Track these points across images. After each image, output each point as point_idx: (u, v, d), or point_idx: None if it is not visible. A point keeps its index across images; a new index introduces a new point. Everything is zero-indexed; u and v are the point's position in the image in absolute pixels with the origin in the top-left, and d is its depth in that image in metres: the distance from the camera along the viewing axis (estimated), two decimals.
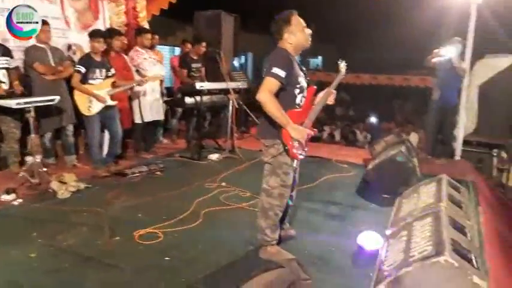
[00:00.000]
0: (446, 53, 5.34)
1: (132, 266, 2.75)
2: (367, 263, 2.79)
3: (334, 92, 2.91)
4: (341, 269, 2.79)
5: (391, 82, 12.79)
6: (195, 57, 6.07)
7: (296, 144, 2.64)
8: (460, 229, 2.48)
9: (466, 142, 6.01)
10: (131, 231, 3.21)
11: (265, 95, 2.51)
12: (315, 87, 2.85)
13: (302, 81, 2.73)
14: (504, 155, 6.36)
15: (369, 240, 2.96)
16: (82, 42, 5.73)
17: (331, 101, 2.90)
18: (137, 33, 5.77)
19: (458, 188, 3.21)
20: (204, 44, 6.04)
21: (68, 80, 4.76)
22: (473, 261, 2.15)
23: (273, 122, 2.61)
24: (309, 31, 2.71)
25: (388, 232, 2.92)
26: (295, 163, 2.77)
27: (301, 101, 2.74)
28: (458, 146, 5.84)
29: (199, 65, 6.09)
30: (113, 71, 4.73)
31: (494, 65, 6.20)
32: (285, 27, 2.66)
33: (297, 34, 2.67)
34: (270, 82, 2.52)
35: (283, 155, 2.66)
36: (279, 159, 2.68)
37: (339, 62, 3.03)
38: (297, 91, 2.69)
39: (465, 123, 5.97)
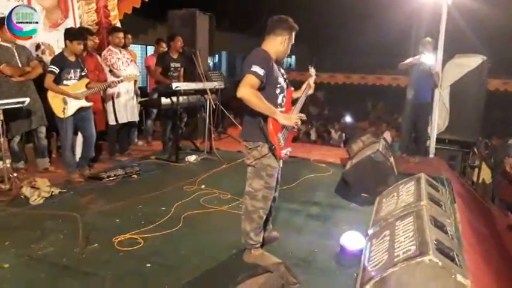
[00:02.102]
0: (426, 60, 5.49)
1: (112, 274, 2.66)
2: (351, 263, 2.82)
3: (312, 85, 3.00)
4: (325, 270, 2.79)
5: (364, 81, 13.03)
6: (174, 56, 5.92)
7: (282, 143, 2.63)
8: (442, 227, 2.53)
9: (438, 140, 6.18)
10: (110, 238, 3.11)
11: (246, 90, 2.47)
12: (292, 88, 2.88)
13: (282, 81, 2.74)
14: (475, 152, 6.58)
15: (352, 240, 2.99)
16: (51, 41, 5.52)
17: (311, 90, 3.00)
18: (109, 32, 5.62)
19: (436, 186, 3.29)
20: (179, 38, 5.90)
21: (36, 80, 4.56)
22: (456, 259, 2.20)
23: (254, 125, 2.59)
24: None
25: (370, 232, 2.95)
26: (281, 163, 2.75)
27: (282, 101, 2.74)
28: (432, 144, 6.00)
29: (178, 64, 5.95)
30: (85, 70, 4.56)
31: (464, 64, 6.37)
32: (286, 33, 2.68)
33: (285, 45, 2.71)
34: (249, 78, 2.49)
35: (267, 157, 2.64)
36: (263, 161, 2.66)
37: (309, 67, 3.10)
38: (277, 91, 2.69)
39: (437, 121, 6.13)
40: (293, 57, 21.90)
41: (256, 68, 2.49)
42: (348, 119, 11.41)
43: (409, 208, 2.82)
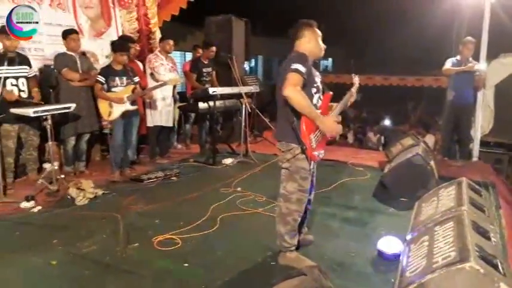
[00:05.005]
0: (480, 68, 5.36)
1: (151, 272, 2.76)
2: (388, 269, 2.77)
3: (355, 94, 3.05)
4: (362, 275, 2.75)
5: (404, 83, 12.66)
6: (205, 62, 6.09)
7: (314, 144, 2.63)
8: (484, 234, 2.44)
9: (482, 143, 5.93)
10: (149, 238, 3.22)
11: (291, 89, 2.48)
12: (331, 93, 2.87)
13: (318, 81, 2.76)
14: None
15: (389, 245, 2.94)
16: (95, 49, 5.80)
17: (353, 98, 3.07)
18: (160, 39, 5.89)
19: (479, 191, 3.16)
20: (213, 48, 6.08)
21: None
22: (499, 267, 2.11)
23: (288, 126, 2.61)
24: (323, 45, 2.81)
25: (408, 237, 2.89)
26: (311, 165, 2.73)
27: (317, 102, 2.74)
28: (475, 147, 5.77)
29: (209, 69, 6.12)
30: (136, 79, 4.82)
31: (509, 63, 6.09)
32: (306, 32, 2.73)
33: (313, 42, 2.74)
34: (293, 77, 2.51)
35: (301, 160, 2.65)
36: (297, 164, 2.67)
37: (353, 76, 3.14)
38: (313, 90, 2.71)
39: (481, 123, 5.89)
40: (330, 59, 21.68)
41: (297, 66, 2.51)
42: (387, 121, 11.17)
43: (449, 213, 2.73)
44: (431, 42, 11.06)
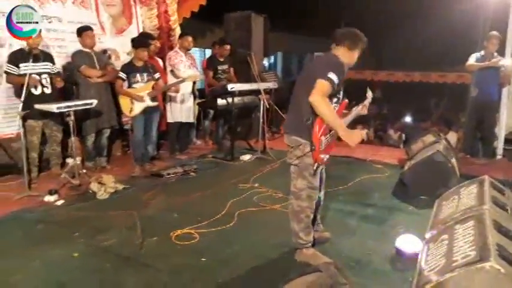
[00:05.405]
0: (505, 63, 5.22)
1: (169, 266, 2.80)
2: (406, 267, 2.74)
3: (366, 107, 3.04)
4: (380, 273, 2.73)
5: (426, 79, 12.41)
6: (220, 59, 6.14)
7: (323, 147, 2.62)
8: (506, 233, 2.38)
9: (507, 141, 5.77)
10: (168, 232, 3.27)
11: (318, 98, 2.48)
12: (347, 100, 2.87)
13: (341, 92, 2.75)
14: None
15: (408, 243, 2.91)
16: (116, 46, 5.90)
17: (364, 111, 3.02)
18: (179, 35, 5.94)
19: (502, 190, 3.08)
20: (227, 46, 6.12)
21: (114, 84, 4.97)
22: None
23: (302, 121, 2.60)
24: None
25: (427, 235, 2.85)
26: (315, 166, 2.71)
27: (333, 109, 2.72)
28: (499, 145, 5.62)
29: (225, 66, 6.17)
30: (157, 75, 4.92)
31: None
32: (355, 44, 2.72)
33: (355, 57, 2.75)
34: (323, 85, 2.49)
35: (310, 157, 2.64)
36: (305, 160, 2.67)
37: (367, 89, 3.14)
38: (334, 100, 2.69)
39: (506, 121, 5.72)
40: None
41: (332, 76, 2.50)
42: (408, 118, 10.99)
43: (470, 212, 2.67)
44: (456, 37, 10.79)
